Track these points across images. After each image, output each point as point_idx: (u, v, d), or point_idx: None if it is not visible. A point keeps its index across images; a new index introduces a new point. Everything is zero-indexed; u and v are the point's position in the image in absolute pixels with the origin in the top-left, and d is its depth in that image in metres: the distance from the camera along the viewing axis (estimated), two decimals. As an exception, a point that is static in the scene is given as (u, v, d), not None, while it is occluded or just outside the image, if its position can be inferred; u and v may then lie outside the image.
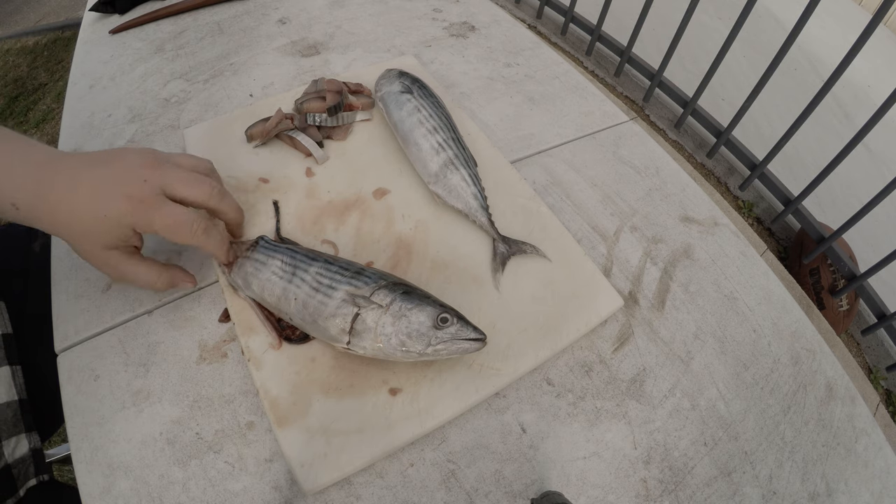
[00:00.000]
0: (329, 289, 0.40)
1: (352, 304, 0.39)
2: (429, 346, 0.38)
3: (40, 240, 0.57)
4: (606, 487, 0.39)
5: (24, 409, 0.49)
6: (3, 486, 0.46)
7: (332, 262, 0.42)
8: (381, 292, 0.39)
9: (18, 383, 0.50)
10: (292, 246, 0.45)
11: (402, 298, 0.39)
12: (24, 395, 0.50)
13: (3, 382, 0.48)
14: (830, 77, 1.19)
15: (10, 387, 0.49)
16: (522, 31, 0.79)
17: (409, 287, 0.41)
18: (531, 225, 0.51)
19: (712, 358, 0.46)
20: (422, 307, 0.39)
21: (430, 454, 0.39)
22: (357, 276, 0.40)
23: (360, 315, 0.38)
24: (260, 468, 0.37)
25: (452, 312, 0.39)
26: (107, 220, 0.37)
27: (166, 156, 0.41)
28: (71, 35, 2.28)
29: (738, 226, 0.93)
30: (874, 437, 0.45)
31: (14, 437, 0.48)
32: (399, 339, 0.38)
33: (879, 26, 1.09)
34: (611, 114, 0.67)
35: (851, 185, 1.60)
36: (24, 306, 0.53)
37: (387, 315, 0.38)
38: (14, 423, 0.48)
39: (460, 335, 0.38)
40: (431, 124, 0.53)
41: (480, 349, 0.39)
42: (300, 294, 0.40)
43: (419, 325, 0.38)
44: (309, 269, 0.41)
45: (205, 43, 0.72)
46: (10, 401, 0.48)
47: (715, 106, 1.61)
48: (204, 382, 0.41)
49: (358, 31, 0.75)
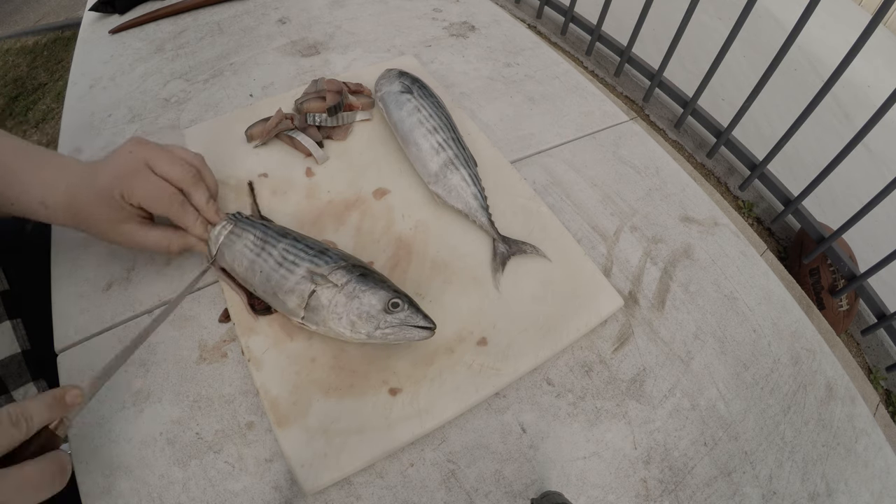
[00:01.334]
0: (292, 265, 0.41)
1: (310, 282, 0.40)
2: (377, 329, 0.39)
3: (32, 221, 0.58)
4: (606, 487, 0.39)
5: (28, 360, 0.51)
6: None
7: (299, 240, 0.43)
8: (339, 272, 0.41)
9: (21, 335, 0.51)
10: (267, 223, 0.46)
11: (357, 280, 0.40)
12: (27, 346, 0.51)
13: (6, 336, 0.50)
14: (830, 77, 1.19)
15: (13, 340, 0.50)
16: (522, 30, 0.79)
17: (368, 271, 0.42)
18: (531, 225, 0.51)
19: (712, 358, 0.46)
20: (375, 290, 0.40)
21: (430, 454, 0.39)
22: (320, 255, 0.42)
23: (316, 292, 0.40)
24: (260, 468, 0.37)
25: (405, 299, 0.40)
26: (101, 194, 0.41)
27: (160, 144, 0.44)
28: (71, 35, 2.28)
29: (738, 226, 0.93)
30: (874, 437, 0.45)
31: (22, 386, 0.49)
32: (350, 318, 0.39)
33: (879, 26, 1.09)
34: (611, 114, 0.67)
35: (851, 185, 1.60)
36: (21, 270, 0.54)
37: (341, 294, 0.40)
38: (20, 373, 0.50)
39: (409, 321, 0.39)
40: (431, 124, 0.53)
41: (429, 338, 0.40)
42: (265, 267, 0.42)
43: (370, 307, 0.39)
44: (277, 245, 0.43)
45: (205, 43, 0.72)
46: (13, 353, 0.50)
47: (715, 106, 1.61)
48: (204, 382, 0.41)
49: (358, 31, 0.75)
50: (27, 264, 0.50)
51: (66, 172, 0.42)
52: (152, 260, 0.48)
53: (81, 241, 0.48)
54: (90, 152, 0.57)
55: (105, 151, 0.57)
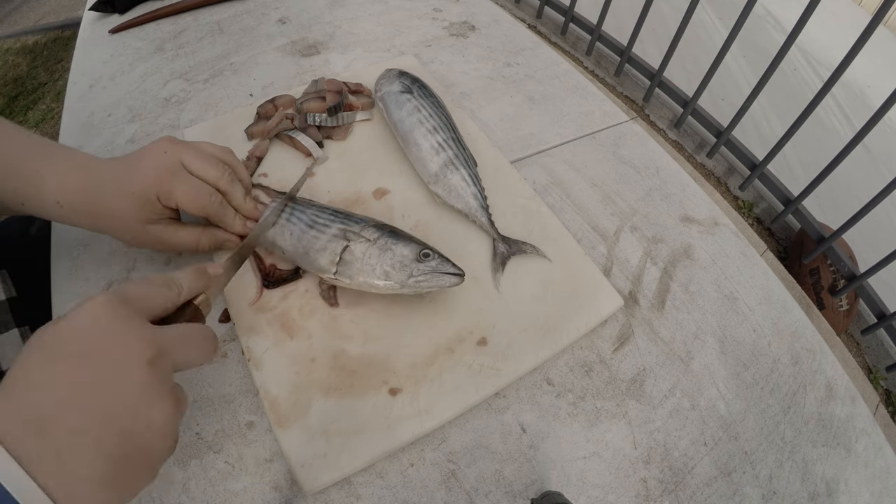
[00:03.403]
0: (323, 226, 0.44)
1: (342, 239, 0.43)
2: (410, 277, 0.41)
3: (37, 223, 0.58)
4: (606, 487, 0.39)
5: None
6: None
7: (325, 207, 0.47)
8: (370, 229, 0.44)
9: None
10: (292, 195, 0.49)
11: (388, 235, 0.43)
12: None
13: (14, 344, 0.49)
14: (830, 77, 1.19)
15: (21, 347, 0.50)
16: (522, 30, 0.79)
17: (396, 229, 0.45)
18: (531, 225, 0.51)
19: (712, 358, 0.46)
20: (406, 243, 0.43)
21: (430, 454, 0.39)
22: (348, 217, 0.45)
23: (349, 247, 0.42)
24: (260, 468, 0.37)
25: (434, 250, 0.42)
26: (135, 196, 0.39)
27: (190, 142, 0.44)
28: (71, 35, 2.28)
29: (738, 226, 0.93)
30: (874, 437, 0.45)
31: None
32: (383, 269, 0.41)
33: (879, 26, 1.09)
34: (611, 114, 0.66)
35: (851, 185, 1.60)
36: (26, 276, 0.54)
37: (374, 247, 0.42)
38: None
39: (440, 269, 0.42)
40: (431, 124, 0.53)
41: (459, 284, 0.41)
42: (295, 230, 0.44)
43: (402, 257, 0.42)
44: (306, 210, 0.46)
45: (205, 42, 0.72)
46: None
47: (715, 106, 1.61)
48: (204, 382, 0.41)
49: (358, 31, 0.75)
50: (34, 270, 0.50)
51: (84, 172, 0.40)
52: (152, 260, 0.48)
53: (81, 240, 0.48)
54: (90, 152, 0.57)
55: (105, 151, 0.57)
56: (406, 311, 0.44)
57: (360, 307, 0.44)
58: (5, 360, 0.49)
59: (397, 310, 0.44)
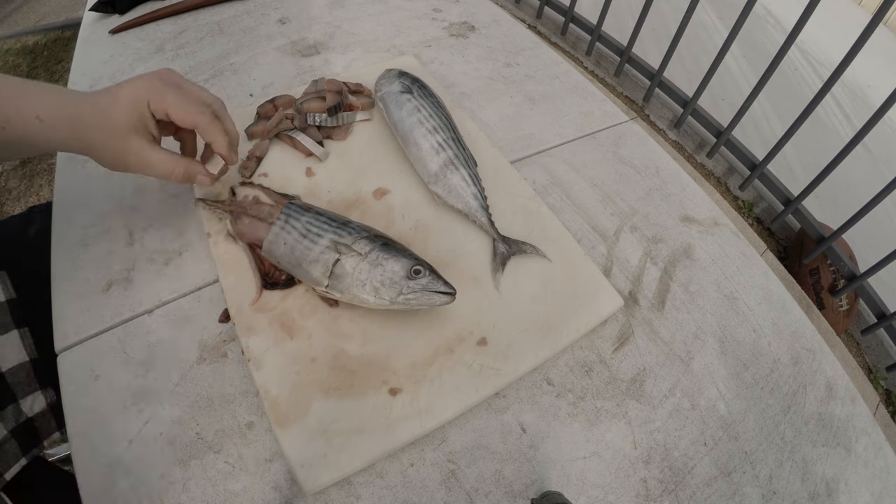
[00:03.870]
0: (316, 236, 0.43)
1: (334, 251, 0.42)
2: (400, 295, 0.40)
3: (36, 225, 0.58)
4: (606, 487, 0.39)
5: (36, 368, 0.51)
6: (27, 439, 0.49)
7: (321, 213, 0.45)
8: (362, 242, 0.43)
9: (28, 344, 0.51)
10: (294, 200, 0.49)
11: (380, 249, 0.42)
12: (35, 354, 0.51)
13: (14, 345, 0.50)
14: (830, 77, 1.19)
15: (21, 349, 0.51)
16: (522, 31, 0.79)
17: (390, 241, 0.44)
18: (531, 225, 0.51)
19: (712, 358, 0.46)
20: (397, 258, 0.42)
21: (430, 454, 0.39)
22: (343, 227, 0.44)
23: (341, 261, 0.42)
24: (260, 468, 0.37)
25: (426, 266, 0.42)
26: (125, 101, 0.40)
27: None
28: (71, 35, 2.28)
29: (738, 226, 0.93)
30: (874, 437, 0.45)
31: (30, 395, 0.50)
32: (373, 285, 0.41)
33: (879, 26, 1.09)
34: (611, 114, 0.67)
35: (851, 185, 1.60)
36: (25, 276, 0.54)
37: (364, 263, 0.41)
38: (28, 382, 0.50)
39: (431, 287, 0.41)
40: (431, 124, 0.53)
41: (450, 303, 0.41)
42: (289, 239, 0.44)
43: (393, 273, 0.41)
44: (301, 218, 0.45)
45: (205, 43, 0.72)
46: (21, 362, 0.50)
47: (715, 106, 1.61)
48: (204, 382, 0.41)
49: (358, 31, 0.75)
50: (32, 271, 0.50)
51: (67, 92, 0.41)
52: (152, 260, 0.48)
53: (81, 240, 0.48)
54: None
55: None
56: (406, 311, 0.44)
57: (360, 307, 0.44)
58: (5, 362, 0.49)
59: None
